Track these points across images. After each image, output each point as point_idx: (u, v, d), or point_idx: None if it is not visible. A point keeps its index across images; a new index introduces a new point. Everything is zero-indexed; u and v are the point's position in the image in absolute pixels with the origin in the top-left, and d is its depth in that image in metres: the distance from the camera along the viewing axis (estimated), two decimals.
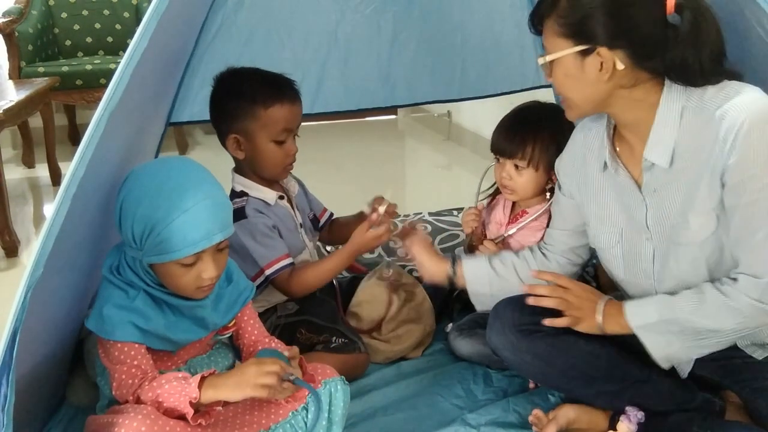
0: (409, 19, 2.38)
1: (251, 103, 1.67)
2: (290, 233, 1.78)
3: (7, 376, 1.12)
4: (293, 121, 1.72)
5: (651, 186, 1.35)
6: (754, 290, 1.22)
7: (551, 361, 1.45)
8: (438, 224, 2.72)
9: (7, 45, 3.66)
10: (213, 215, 1.27)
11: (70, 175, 1.10)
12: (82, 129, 4.22)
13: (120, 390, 1.27)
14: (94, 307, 1.31)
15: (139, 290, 1.31)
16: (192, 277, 1.29)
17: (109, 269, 1.32)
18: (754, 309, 1.22)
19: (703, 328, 1.28)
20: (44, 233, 1.09)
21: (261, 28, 2.25)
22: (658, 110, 1.29)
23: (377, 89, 2.47)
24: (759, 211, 1.20)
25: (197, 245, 1.25)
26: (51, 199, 3.44)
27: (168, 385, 1.23)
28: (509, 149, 1.73)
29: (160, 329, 1.31)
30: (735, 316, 1.24)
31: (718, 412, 1.46)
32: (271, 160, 1.72)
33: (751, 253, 1.23)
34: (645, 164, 1.33)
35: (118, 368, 1.28)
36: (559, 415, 1.49)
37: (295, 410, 1.36)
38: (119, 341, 1.28)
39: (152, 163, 1.39)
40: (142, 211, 1.25)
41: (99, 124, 1.12)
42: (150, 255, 1.27)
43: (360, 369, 1.74)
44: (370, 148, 4.22)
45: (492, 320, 1.52)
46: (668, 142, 1.28)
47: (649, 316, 1.34)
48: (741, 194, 1.21)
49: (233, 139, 1.71)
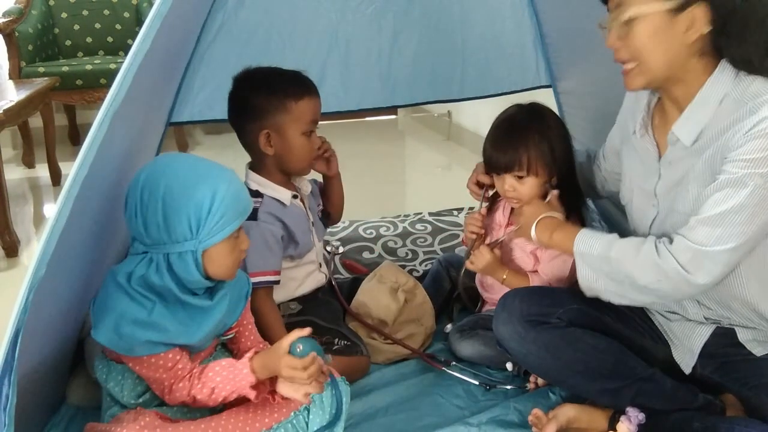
0: (409, 19, 2.38)
1: (282, 97, 1.67)
2: (303, 233, 1.78)
3: (9, 377, 1.12)
4: (318, 113, 1.74)
5: (669, 158, 1.39)
6: (683, 254, 1.26)
7: (557, 354, 1.46)
8: (438, 224, 2.73)
9: (7, 45, 3.66)
10: (242, 185, 1.37)
11: (73, 175, 1.10)
12: (82, 129, 4.22)
13: (173, 395, 1.29)
14: (105, 318, 1.27)
15: (155, 301, 1.29)
16: (237, 253, 1.35)
17: (126, 277, 1.30)
18: (676, 274, 1.26)
19: (625, 275, 1.34)
20: (47, 233, 1.09)
21: (261, 28, 2.26)
22: (702, 90, 1.30)
23: (377, 89, 2.48)
24: (732, 190, 1.22)
25: (245, 212, 1.34)
26: (51, 199, 3.44)
27: (219, 378, 1.30)
28: (505, 163, 1.71)
29: (179, 338, 1.30)
30: (656, 274, 1.29)
31: (718, 413, 1.47)
32: (302, 153, 1.72)
33: (702, 222, 1.25)
34: (671, 138, 1.36)
35: (165, 376, 1.29)
36: (559, 414, 1.49)
37: (297, 410, 1.36)
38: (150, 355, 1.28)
39: (162, 158, 1.38)
40: (198, 195, 1.26)
41: (102, 125, 1.12)
42: (209, 237, 1.28)
43: (361, 372, 1.74)
44: (370, 148, 4.22)
45: (499, 311, 1.53)
46: (699, 123, 1.31)
47: (593, 247, 1.40)
48: (729, 167, 1.23)
49: (265, 134, 1.70)
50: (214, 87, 2.26)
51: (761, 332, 1.41)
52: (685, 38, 1.25)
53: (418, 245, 2.55)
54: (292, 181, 1.81)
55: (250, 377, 1.29)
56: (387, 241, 2.59)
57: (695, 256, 1.25)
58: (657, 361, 1.50)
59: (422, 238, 2.61)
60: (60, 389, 1.61)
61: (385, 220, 2.78)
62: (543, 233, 1.56)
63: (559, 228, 1.54)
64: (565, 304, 1.49)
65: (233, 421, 1.31)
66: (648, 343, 1.53)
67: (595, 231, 1.47)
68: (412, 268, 2.36)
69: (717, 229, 1.23)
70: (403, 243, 2.57)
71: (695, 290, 1.30)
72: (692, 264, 1.25)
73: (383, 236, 2.62)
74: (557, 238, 1.53)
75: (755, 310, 1.38)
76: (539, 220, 1.58)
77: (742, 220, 1.22)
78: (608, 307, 1.54)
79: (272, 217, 1.70)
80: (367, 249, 2.51)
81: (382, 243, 2.57)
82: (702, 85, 1.30)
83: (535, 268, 1.78)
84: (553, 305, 1.49)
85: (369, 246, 2.54)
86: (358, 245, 2.53)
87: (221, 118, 2.32)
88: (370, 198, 3.17)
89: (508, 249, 1.83)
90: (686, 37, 1.25)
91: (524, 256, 1.80)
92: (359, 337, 1.79)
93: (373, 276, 1.97)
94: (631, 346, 1.49)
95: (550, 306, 1.49)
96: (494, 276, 1.78)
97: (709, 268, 1.25)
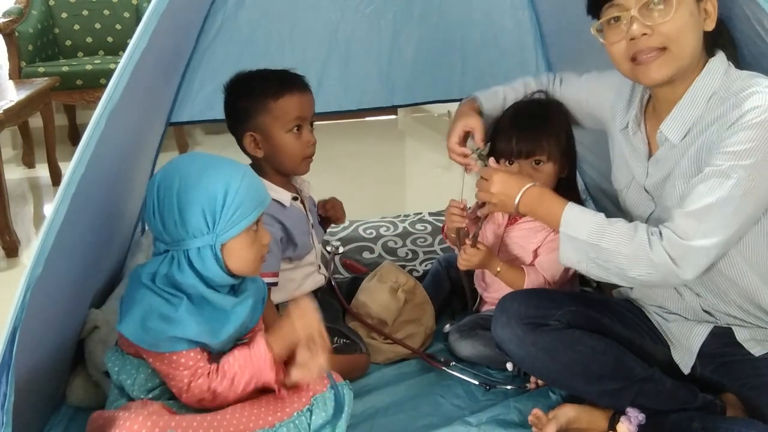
0: (409, 19, 2.38)
1: (262, 98, 1.68)
2: (303, 235, 1.77)
3: (7, 375, 1.12)
4: (305, 109, 1.71)
5: (657, 156, 1.40)
6: (673, 249, 1.25)
7: (556, 356, 1.46)
8: (438, 224, 2.72)
9: (8, 45, 3.66)
10: (258, 179, 1.37)
11: (70, 174, 1.10)
12: (82, 129, 4.19)
13: (191, 392, 1.29)
14: (131, 312, 1.28)
15: (182, 298, 1.29)
16: (257, 246, 1.35)
17: (150, 277, 1.30)
18: (666, 268, 1.26)
19: (614, 265, 1.33)
20: (44, 232, 1.09)
21: (261, 28, 2.26)
22: (690, 89, 1.32)
23: (377, 89, 2.48)
24: (717, 182, 1.23)
25: (263, 203, 1.34)
26: (51, 199, 3.43)
27: (237, 365, 1.31)
28: (526, 148, 1.69)
29: (203, 337, 1.30)
30: (648, 268, 1.28)
31: (719, 413, 1.46)
32: (290, 151, 1.71)
33: (687, 215, 1.25)
34: (659, 137, 1.38)
35: (185, 373, 1.28)
36: (559, 414, 1.49)
37: (300, 411, 1.36)
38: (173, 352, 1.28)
39: (177, 157, 1.38)
40: (211, 189, 1.27)
41: (98, 123, 1.12)
42: (225, 230, 1.29)
43: (361, 370, 1.74)
44: (370, 148, 4.22)
45: (498, 313, 1.52)
46: (687, 122, 1.32)
47: (580, 231, 1.36)
48: (714, 160, 1.24)
49: (249, 137, 1.70)
50: (214, 87, 2.24)
51: (759, 331, 1.41)
52: (704, 26, 1.29)
53: (418, 245, 2.55)
54: (292, 182, 1.81)
55: (267, 355, 1.31)
56: (387, 241, 2.59)
57: (684, 251, 1.25)
58: (657, 361, 1.50)
59: (422, 238, 2.61)
60: (60, 389, 1.60)
61: (385, 220, 2.77)
62: (527, 205, 1.47)
63: (545, 201, 1.46)
64: (564, 306, 1.49)
65: (238, 416, 1.30)
66: (647, 344, 1.52)
67: (583, 211, 1.41)
68: (412, 268, 2.36)
69: (703, 223, 1.24)
70: (403, 243, 2.57)
71: (680, 282, 1.35)
72: (682, 259, 1.26)
73: (383, 236, 2.62)
74: (541, 212, 1.46)
75: (753, 301, 1.38)
76: (525, 191, 1.47)
77: (727, 213, 1.23)
78: (607, 308, 1.55)
79: (271, 219, 1.70)
80: (367, 249, 2.51)
81: (382, 243, 2.56)
82: (691, 82, 1.31)
83: (532, 263, 1.78)
84: (552, 307, 1.49)
85: (369, 246, 2.53)
86: (358, 245, 2.53)
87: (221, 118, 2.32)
88: (370, 198, 3.17)
89: (507, 246, 1.82)
90: (705, 25, 1.29)
91: (525, 255, 1.79)
92: (359, 336, 1.79)
93: (373, 276, 1.97)
94: (630, 346, 1.48)
95: (549, 308, 1.48)
96: (488, 268, 1.77)
97: (696, 261, 1.26)
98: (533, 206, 1.47)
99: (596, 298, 1.71)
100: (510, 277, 1.74)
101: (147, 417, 1.18)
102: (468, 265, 1.75)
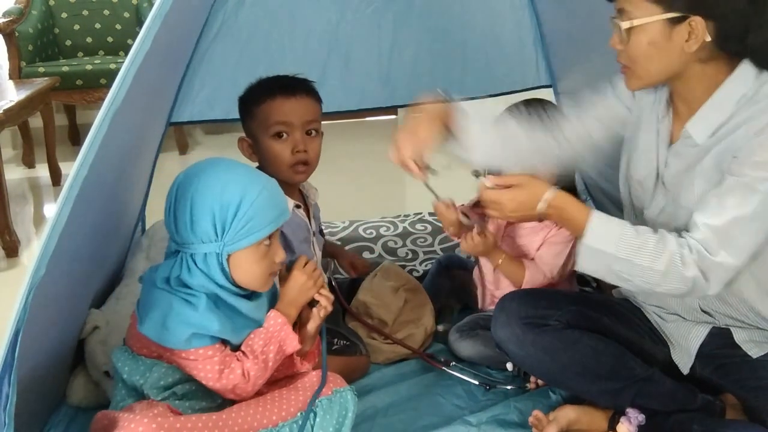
0: (409, 19, 2.38)
1: (250, 103, 1.69)
2: (301, 243, 1.75)
3: (9, 376, 1.12)
4: (289, 114, 1.66)
5: (677, 149, 1.37)
6: (703, 263, 1.24)
7: (556, 356, 1.46)
8: (438, 224, 2.71)
9: (8, 45, 3.66)
10: (280, 194, 1.35)
11: (73, 175, 1.10)
12: (82, 129, 4.22)
13: (227, 378, 1.29)
14: (152, 313, 1.27)
15: (201, 296, 1.28)
16: (267, 263, 1.33)
17: (164, 282, 1.30)
18: (696, 283, 1.25)
19: (642, 279, 1.28)
20: (47, 233, 1.09)
21: (261, 28, 2.26)
22: (719, 90, 1.29)
23: (377, 89, 2.48)
24: (743, 195, 1.22)
25: (278, 220, 1.31)
26: (51, 199, 3.44)
27: (260, 340, 1.33)
28: None
29: (224, 334, 1.30)
30: (679, 283, 1.26)
31: (718, 414, 1.47)
32: (276, 158, 1.68)
33: (715, 230, 1.24)
34: (684, 133, 1.35)
35: (216, 359, 1.28)
36: (560, 415, 1.49)
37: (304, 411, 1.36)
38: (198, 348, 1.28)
39: (203, 160, 1.37)
40: (225, 197, 1.26)
41: (102, 124, 1.12)
42: (234, 242, 1.27)
43: (361, 371, 1.74)
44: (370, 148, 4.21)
45: (497, 313, 1.52)
46: (714, 123, 1.30)
47: (608, 245, 1.29)
48: (741, 168, 1.22)
49: (239, 142, 1.71)
50: (214, 87, 2.26)
51: (757, 333, 1.41)
52: (686, 47, 1.24)
53: (418, 245, 2.55)
54: (299, 188, 1.80)
55: (279, 318, 1.35)
56: (387, 241, 2.59)
57: (713, 266, 1.24)
58: (656, 361, 1.50)
59: (422, 238, 2.61)
60: (60, 389, 1.61)
61: (385, 220, 2.77)
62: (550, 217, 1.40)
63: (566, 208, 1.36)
64: (564, 306, 1.49)
65: (243, 414, 1.30)
66: (647, 344, 1.53)
67: (608, 220, 1.33)
68: (412, 268, 2.36)
69: (732, 239, 1.23)
70: (403, 243, 2.57)
71: (703, 295, 1.32)
72: (711, 274, 1.24)
73: (383, 236, 2.62)
74: (563, 220, 1.39)
75: (752, 309, 1.39)
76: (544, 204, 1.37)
77: (755, 229, 1.23)
78: (607, 308, 1.55)
79: None
80: (367, 249, 2.51)
81: (382, 243, 2.56)
82: (718, 85, 1.29)
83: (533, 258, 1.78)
84: (552, 307, 1.49)
85: (369, 246, 2.54)
86: (358, 245, 2.53)
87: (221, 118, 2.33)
88: (370, 198, 3.17)
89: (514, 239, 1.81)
90: (687, 46, 1.24)
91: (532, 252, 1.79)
92: (359, 337, 1.79)
93: (373, 276, 1.97)
94: (630, 347, 1.48)
95: (549, 308, 1.48)
96: (490, 259, 1.76)
97: (723, 277, 1.25)
98: (556, 218, 1.40)
99: (596, 298, 1.71)
100: (511, 270, 1.74)
101: (152, 418, 1.18)
102: (473, 252, 1.73)
